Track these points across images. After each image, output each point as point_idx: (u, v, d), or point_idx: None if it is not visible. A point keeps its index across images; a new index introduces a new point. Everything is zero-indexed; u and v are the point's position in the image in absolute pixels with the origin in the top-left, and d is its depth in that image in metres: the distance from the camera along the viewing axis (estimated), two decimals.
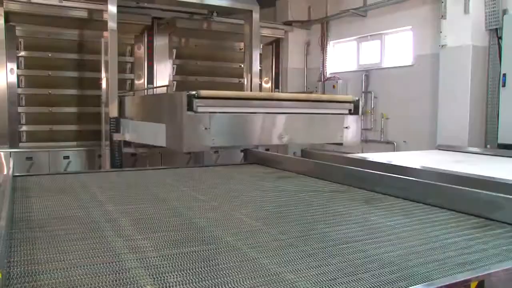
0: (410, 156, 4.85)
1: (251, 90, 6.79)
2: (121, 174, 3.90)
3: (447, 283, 1.33)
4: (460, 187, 2.55)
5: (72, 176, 3.69)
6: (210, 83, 7.97)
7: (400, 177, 2.98)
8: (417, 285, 1.36)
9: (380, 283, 1.41)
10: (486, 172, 3.27)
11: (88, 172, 3.97)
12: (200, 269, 1.52)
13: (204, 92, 3.88)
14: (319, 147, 8.01)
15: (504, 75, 5.38)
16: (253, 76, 6.88)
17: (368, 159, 4.11)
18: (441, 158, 4.57)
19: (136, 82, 7.11)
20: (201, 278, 1.43)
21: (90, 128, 6.80)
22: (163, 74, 7.06)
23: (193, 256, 1.66)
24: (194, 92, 3.78)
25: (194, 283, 1.39)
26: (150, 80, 7.01)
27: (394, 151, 6.85)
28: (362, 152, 7.25)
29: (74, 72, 6.74)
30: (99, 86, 6.83)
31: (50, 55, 6.54)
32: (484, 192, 2.38)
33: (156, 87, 6.88)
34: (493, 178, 2.93)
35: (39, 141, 6.46)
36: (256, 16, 6.75)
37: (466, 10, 5.62)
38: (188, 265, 1.56)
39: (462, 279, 1.36)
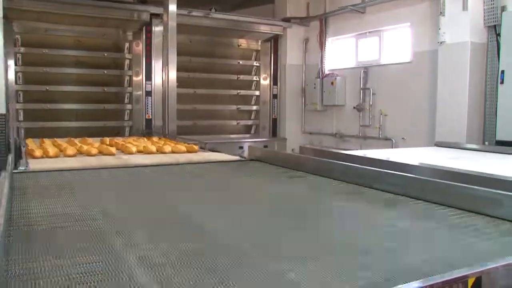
0: (408, 152, 4.85)
1: None
2: (121, 172, 3.89)
3: (444, 279, 1.33)
4: (460, 184, 2.55)
5: (71, 174, 3.68)
6: (208, 80, 7.96)
7: (404, 175, 2.96)
8: (414, 281, 1.35)
9: (378, 281, 1.41)
10: (484, 168, 3.27)
11: (87, 169, 3.95)
12: (199, 268, 1.52)
13: None
14: (316, 143, 7.99)
15: (503, 72, 5.38)
16: None
17: (366, 156, 4.10)
18: (439, 154, 4.57)
19: (134, 78, 7.10)
20: (201, 278, 1.43)
21: (89, 125, 6.80)
22: (161, 70, 7.04)
23: (193, 255, 1.65)
24: None
25: (194, 283, 1.39)
26: (148, 76, 6.99)
27: (392, 147, 6.85)
28: (361, 149, 7.26)
29: (72, 69, 6.73)
30: (97, 83, 6.83)
31: (47, 51, 6.52)
32: (483, 188, 2.38)
33: None
34: (493, 175, 2.93)
35: (37, 138, 6.45)
36: None
37: (464, 7, 5.62)
38: (188, 265, 1.55)
39: (459, 275, 1.36)
